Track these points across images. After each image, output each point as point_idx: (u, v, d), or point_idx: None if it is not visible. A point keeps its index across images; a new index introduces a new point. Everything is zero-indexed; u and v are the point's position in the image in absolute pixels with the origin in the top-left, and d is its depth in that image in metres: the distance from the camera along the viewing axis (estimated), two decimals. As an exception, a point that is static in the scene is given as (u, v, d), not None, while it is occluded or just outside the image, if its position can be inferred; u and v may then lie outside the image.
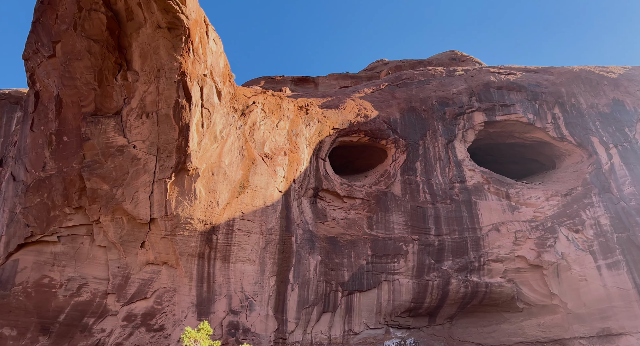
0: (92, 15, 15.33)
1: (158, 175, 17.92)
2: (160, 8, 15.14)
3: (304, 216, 22.42)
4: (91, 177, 17.59)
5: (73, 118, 17.53)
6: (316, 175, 23.87)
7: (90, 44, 15.82)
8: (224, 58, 19.49)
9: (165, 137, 17.34)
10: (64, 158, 17.79)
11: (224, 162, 19.62)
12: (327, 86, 43.37)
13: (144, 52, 16.24)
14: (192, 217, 18.70)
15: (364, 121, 26.35)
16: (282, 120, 22.53)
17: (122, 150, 17.61)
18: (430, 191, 25.49)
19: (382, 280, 22.32)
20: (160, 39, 16.07)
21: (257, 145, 21.18)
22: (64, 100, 17.26)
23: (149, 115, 17.08)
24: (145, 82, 16.67)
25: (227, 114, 19.70)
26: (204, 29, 17.27)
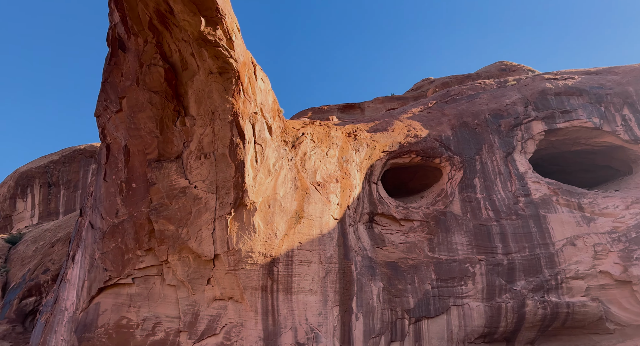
0: (152, 69, 16.97)
1: (218, 212, 18.83)
2: (211, 55, 16.43)
3: (362, 242, 22.36)
4: (158, 219, 18.82)
5: (140, 165, 19.09)
6: (370, 199, 23.90)
7: (151, 95, 17.42)
8: (272, 95, 20.54)
9: (223, 175, 18.35)
10: (134, 204, 19.28)
11: (279, 194, 20.29)
12: (373, 110, 43.82)
13: (199, 98, 17.59)
14: (253, 250, 19.32)
15: (415, 141, 26.22)
16: (331, 148, 23.05)
17: (184, 191, 18.79)
18: (492, 207, 24.51)
19: (451, 304, 21.46)
20: (213, 84, 17.34)
21: (309, 175, 21.74)
22: (131, 150, 18.92)
23: (207, 156, 18.24)
24: (201, 125, 17.94)
25: (278, 148, 20.54)
26: (251, 69, 18.42)
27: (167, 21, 15.88)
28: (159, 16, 15.74)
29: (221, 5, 14.99)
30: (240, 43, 17.25)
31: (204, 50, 16.34)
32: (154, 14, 15.69)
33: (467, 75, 47.53)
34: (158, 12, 15.51)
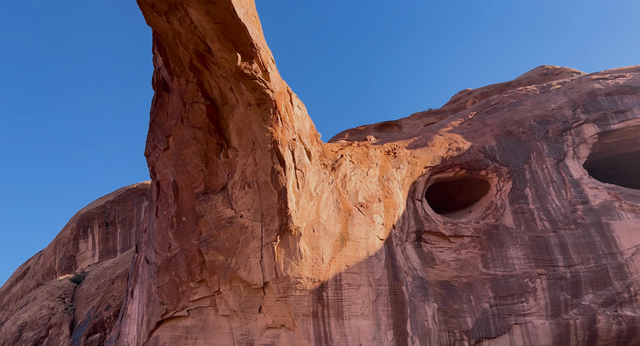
0: (194, 107, 18.06)
1: (265, 239, 19.25)
2: (249, 88, 17.26)
3: (411, 262, 21.92)
4: (208, 250, 19.49)
5: (188, 199, 20.02)
6: (415, 217, 23.53)
7: (195, 131, 18.45)
8: (309, 120, 21.11)
9: (267, 202, 18.86)
10: (185, 237, 20.12)
11: (322, 218, 20.48)
12: (411, 126, 43.59)
13: (239, 129, 18.43)
14: (301, 276, 19.46)
15: (457, 154, 25.76)
16: (371, 167, 23.13)
17: (231, 221, 19.43)
18: (548, 218, 23.35)
19: (512, 323, 20.33)
20: (252, 115, 18.13)
21: (350, 196, 21.84)
22: (179, 185, 19.94)
23: (250, 185, 18.89)
24: (243, 156, 18.70)
25: (318, 171, 20.90)
26: (287, 98, 19.13)
27: (206, 60, 16.96)
28: (198, 56, 16.86)
29: (255, 40, 15.84)
30: (275, 74, 18.03)
31: (242, 84, 17.21)
32: (193, 54, 16.83)
33: (507, 83, 46.44)
34: (197, 52, 16.64)
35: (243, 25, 14.79)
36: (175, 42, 16.61)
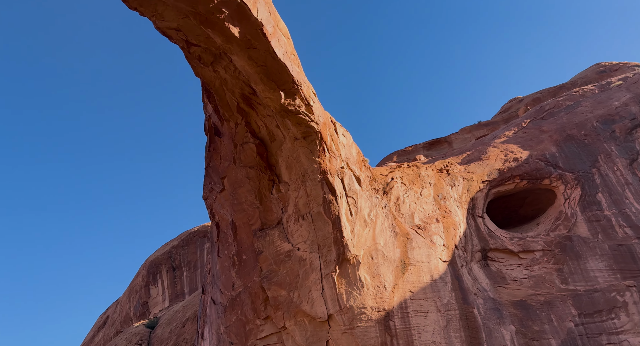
0: (245, 147, 19.01)
1: (324, 271, 19.26)
2: (294, 123, 17.95)
3: (479, 283, 20.86)
4: (270, 286, 19.78)
5: (246, 237, 20.68)
6: (478, 235, 22.57)
7: (248, 170, 19.31)
8: (355, 147, 21.38)
9: (322, 233, 19.04)
10: (247, 275, 20.62)
11: (380, 244, 20.25)
12: (461, 141, 42.53)
13: (288, 164, 19.06)
14: (365, 305, 19.14)
15: (515, 165, 24.72)
16: (424, 187, 22.73)
17: (289, 254, 19.73)
18: (628, 223, 21.50)
19: (604, 343, 18.46)
20: (299, 148, 18.73)
21: (406, 219, 21.48)
22: (237, 224, 20.71)
23: (304, 217, 19.23)
24: (295, 189, 19.20)
25: (370, 197, 20.89)
26: (332, 128, 19.62)
27: (252, 102, 17.98)
28: (245, 99, 17.92)
29: (296, 77, 16.61)
30: (318, 106, 18.66)
31: (287, 119, 17.95)
32: (240, 98, 17.92)
33: (561, 85, 44.39)
34: (243, 96, 17.70)
35: (283, 65, 15.61)
36: (222, 89, 17.82)
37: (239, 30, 13.61)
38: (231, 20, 12.95)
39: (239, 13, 12.83)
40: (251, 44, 14.31)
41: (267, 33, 13.91)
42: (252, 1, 12.54)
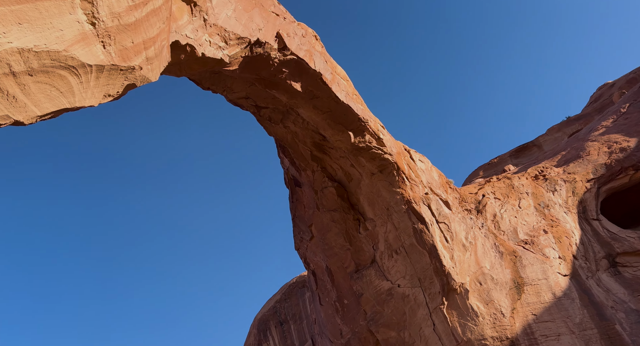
0: (325, 192, 19.47)
1: (430, 305, 18.42)
2: (368, 159, 18.17)
3: (614, 294, 18.35)
4: (378, 328, 19.31)
5: (344, 281, 20.66)
6: (598, 240, 20.16)
7: (332, 214, 19.62)
8: (435, 170, 20.85)
9: (419, 265, 18.40)
10: (352, 320, 20.39)
11: (485, 267, 18.96)
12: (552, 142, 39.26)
13: (370, 200, 19.06)
14: (484, 336, 17.76)
15: (624, 156, 22.21)
16: (521, 199, 21.17)
17: (390, 293, 19.24)
18: None
19: None
20: (378, 183, 18.75)
21: (509, 236, 19.99)
22: (332, 269, 20.83)
23: (397, 252, 18.81)
24: (382, 224, 19.01)
25: (463, 219, 19.91)
26: (407, 156, 19.47)
27: (324, 147, 18.63)
28: (317, 146, 18.64)
29: (361, 114, 17.04)
30: (388, 138, 18.75)
31: (360, 157, 18.23)
32: (312, 146, 18.68)
33: (655, 58, 39.73)
34: (315, 143, 18.44)
35: (347, 106, 16.17)
36: (294, 142, 18.77)
37: (300, 84, 14.49)
38: (292, 77, 13.86)
39: (298, 69, 13.71)
40: (314, 94, 15.09)
41: (326, 81, 14.61)
42: (309, 56, 13.37)
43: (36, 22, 6.03)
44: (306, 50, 13.00)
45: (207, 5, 8.11)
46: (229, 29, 8.97)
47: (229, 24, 8.97)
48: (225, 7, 8.73)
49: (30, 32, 6.04)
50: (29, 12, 5.86)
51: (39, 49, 6.24)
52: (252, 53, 10.69)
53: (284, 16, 11.81)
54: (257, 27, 10.14)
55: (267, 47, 11.12)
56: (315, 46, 13.83)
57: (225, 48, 9.35)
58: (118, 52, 7.42)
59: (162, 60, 8.20)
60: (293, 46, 12.10)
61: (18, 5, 5.70)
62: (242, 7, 9.27)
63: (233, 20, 9.03)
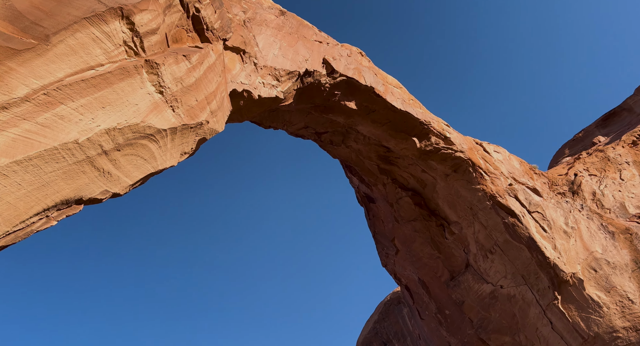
0: (400, 202, 19.24)
1: (542, 302, 17.26)
2: (438, 161, 17.81)
3: None
4: (489, 335, 18.39)
5: (440, 291, 20.04)
6: None
7: (413, 224, 19.28)
8: (515, 158, 19.84)
9: (519, 261, 17.38)
10: (458, 330, 19.62)
11: (597, 252, 17.40)
12: (644, 101, 35.48)
13: (450, 202, 18.49)
14: (614, 328, 16.21)
15: None
16: (622, 170, 19.34)
17: (493, 295, 18.33)
18: None
19: None
20: (454, 183, 18.21)
21: (617, 213, 18.24)
22: (425, 281, 20.32)
23: (491, 251, 17.94)
24: (468, 225, 18.30)
25: (558, 204, 18.57)
26: (479, 149, 18.77)
27: (390, 159, 18.55)
28: (383, 159, 18.62)
29: (422, 117, 16.85)
30: (456, 135, 18.28)
31: (430, 161, 17.91)
32: (378, 160, 18.69)
33: None
34: (380, 157, 18.45)
35: (406, 113, 16.11)
36: (359, 159, 18.91)
37: (354, 102, 14.74)
38: (345, 98, 14.16)
39: (349, 88, 14.00)
40: (369, 108, 15.24)
41: (379, 93, 14.72)
42: (357, 73, 13.63)
43: (115, 103, 6.82)
44: (354, 68, 13.25)
45: (255, 50, 8.65)
46: (278, 66, 9.46)
47: (277, 62, 9.46)
48: (271, 47, 9.24)
49: (113, 113, 6.84)
50: (108, 95, 6.66)
51: (122, 126, 7.03)
52: (303, 84, 11.11)
53: (327, 41, 12.19)
54: (304, 58, 10.57)
55: (316, 75, 11.50)
56: (362, 62, 14.04)
57: (278, 85, 9.84)
58: (186, 112, 8.12)
59: (225, 110, 8.82)
60: (340, 68, 12.40)
61: (100, 92, 6.51)
62: (286, 44, 9.76)
63: (280, 58, 9.52)
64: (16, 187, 5.93)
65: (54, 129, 6.20)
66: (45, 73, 5.74)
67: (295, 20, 10.58)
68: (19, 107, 5.63)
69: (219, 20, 7.64)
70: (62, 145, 6.29)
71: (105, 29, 6.35)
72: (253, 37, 8.74)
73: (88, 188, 7.00)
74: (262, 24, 9.07)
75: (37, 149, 5.97)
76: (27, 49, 5.31)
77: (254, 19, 8.94)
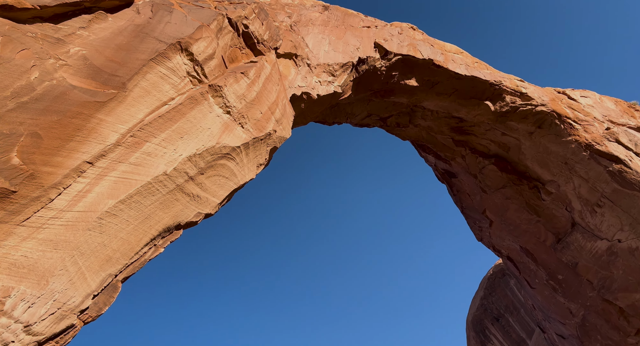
0: (484, 172, 18.45)
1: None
2: (518, 120, 16.87)
3: None
4: (615, 295, 17.18)
5: (547, 255, 18.96)
6: None
7: (503, 192, 18.40)
8: (608, 99, 18.22)
9: (636, 209, 15.86)
10: (576, 294, 18.47)
11: None
12: None
13: (541, 161, 17.37)
14: None
15: None
16: None
17: (611, 252, 17.04)
18: None
19: None
20: (541, 140, 17.10)
21: None
22: (528, 248, 19.34)
23: (598, 204, 16.58)
24: (566, 182, 17.06)
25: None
26: (563, 98, 17.44)
27: (464, 129, 17.86)
28: (456, 131, 17.97)
29: (491, 78, 16.05)
30: (533, 89, 17.17)
31: (509, 122, 17.01)
32: (451, 133, 18.09)
33: None
34: (453, 129, 17.83)
35: (472, 78, 15.44)
36: (431, 136, 18.44)
37: (415, 79, 14.42)
38: (404, 76, 13.91)
39: (407, 66, 13.72)
40: (432, 82, 14.81)
41: (439, 63, 14.26)
42: (412, 49, 13.34)
43: (191, 131, 7.39)
44: (408, 44, 12.96)
45: (306, 51, 8.84)
46: (331, 61, 9.56)
47: (329, 57, 9.57)
48: (321, 44, 9.38)
49: (190, 140, 7.42)
50: (184, 125, 7.24)
51: (200, 151, 7.60)
52: (358, 73, 11.11)
53: (375, 24, 12.05)
54: (354, 47, 10.56)
55: (370, 61, 11.43)
56: (415, 37, 13.68)
57: (334, 80, 9.96)
58: (254, 126, 8.54)
59: (289, 117, 9.13)
60: (394, 47, 12.19)
61: (176, 124, 7.10)
62: (335, 37, 9.83)
63: (332, 53, 9.62)
64: (125, 224, 6.68)
65: (144, 166, 6.88)
66: (128, 117, 6.39)
67: (339, 11, 10.60)
68: (113, 152, 6.33)
69: (267, 31, 7.93)
70: (154, 179, 6.96)
71: (169, 64, 6.89)
72: (302, 39, 8.93)
73: (183, 213, 7.67)
74: (308, 24, 9.23)
75: (135, 187, 6.66)
76: (110, 99, 5.95)
77: (299, 21, 9.13)
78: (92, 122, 5.92)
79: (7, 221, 4.94)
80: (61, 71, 5.77)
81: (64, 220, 5.61)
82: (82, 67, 5.92)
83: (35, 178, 5.18)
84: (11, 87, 5.21)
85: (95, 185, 5.94)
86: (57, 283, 5.36)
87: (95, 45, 6.32)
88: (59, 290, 5.38)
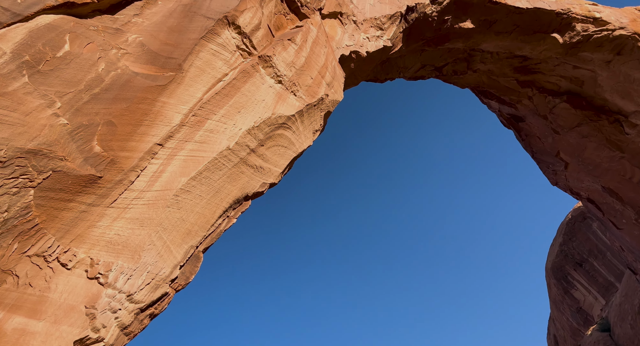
0: (556, 111, 17.29)
1: None
2: (592, 49, 15.54)
3: None
4: None
5: (634, 193, 17.76)
6: None
7: (578, 130, 17.23)
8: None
9: None
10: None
11: None
12: None
13: (621, 91, 15.95)
14: None
15: None
16: None
17: None
18: None
19: None
20: (621, 67, 15.70)
21: None
22: (612, 187, 18.17)
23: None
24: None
25: None
26: None
27: (529, 68, 16.68)
28: (520, 71, 16.85)
29: (557, 7, 14.74)
30: (608, 12, 15.60)
31: (582, 53, 15.67)
32: (515, 74, 17.00)
33: None
34: (516, 69, 16.73)
35: (535, 10, 14.24)
36: (492, 80, 17.45)
37: (470, 20, 13.56)
38: (458, 19, 13.14)
39: (460, 8, 12.93)
40: (489, 21, 13.87)
41: (497, -1, 13.26)
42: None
43: (247, 104, 7.64)
44: (458, -17, 12.14)
45: (351, 7, 8.62)
46: (378, 15, 9.25)
47: (376, 10, 9.26)
48: None
49: (247, 114, 7.69)
50: (239, 100, 7.50)
51: (258, 123, 7.86)
52: (408, 23, 10.66)
53: (421, -32, 11.37)
54: (401, -5, 10.11)
55: (419, 8, 10.89)
56: (464, -27, 12.76)
57: (383, 34, 9.66)
58: (305, 92, 8.62)
59: (339, 78, 9.09)
60: (443, -11, 11.49)
61: (232, 99, 7.38)
62: (379, -12, 9.46)
63: (377, 5, 9.29)
64: (199, 199, 7.18)
65: (209, 143, 7.28)
66: (188, 97, 6.74)
67: (381, -40, 10.14)
68: (179, 132, 6.75)
69: (309, -8, 7.81)
70: (219, 154, 7.35)
71: (219, 41, 7.09)
72: (345, -5, 8.71)
73: (249, 185, 8.07)
74: (349, -22, 8.95)
75: (203, 163, 7.10)
76: (169, 82, 6.30)
77: (340, -24, 8.88)
78: (157, 105, 6.33)
79: (99, 204, 5.54)
80: (123, 60, 6.17)
81: (145, 199, 6.16)
82: (141, 54, 6.29)
83: (115, 163, 5.70)
84: (84, 81, 5.69)
85: (168, 165, 6.41)
86: (147, 256, 5.97)
87: (150, 31, 6.64)
88: (150, 262, 5.99)
